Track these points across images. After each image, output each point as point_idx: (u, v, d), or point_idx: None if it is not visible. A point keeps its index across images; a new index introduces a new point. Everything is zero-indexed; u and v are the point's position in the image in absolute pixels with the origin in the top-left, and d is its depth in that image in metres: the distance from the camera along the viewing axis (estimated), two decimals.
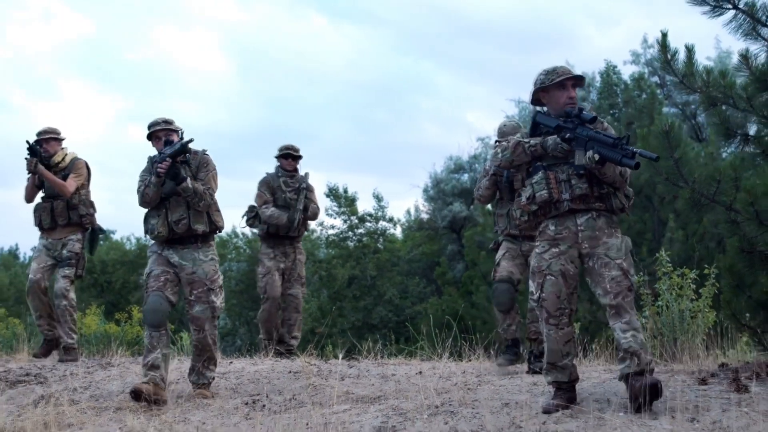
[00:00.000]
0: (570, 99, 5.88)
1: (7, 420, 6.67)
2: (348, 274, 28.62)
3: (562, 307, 5.67)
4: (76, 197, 9.46)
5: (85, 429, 6.42)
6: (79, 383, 7.96)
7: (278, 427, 5.84)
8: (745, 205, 6.34)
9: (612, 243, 5.63)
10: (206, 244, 7.32)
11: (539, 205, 5.78)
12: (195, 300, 7.16)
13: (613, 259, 5.57)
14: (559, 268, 5.68)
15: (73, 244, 9.41)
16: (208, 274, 7.20)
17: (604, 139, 5.50)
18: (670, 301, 8.12)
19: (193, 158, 7.37)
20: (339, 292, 28.54)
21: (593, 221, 5.69)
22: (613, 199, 5.73)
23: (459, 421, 5.59)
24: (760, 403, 5.30)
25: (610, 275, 5.54)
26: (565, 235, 5.73)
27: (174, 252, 7.23)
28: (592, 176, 5.66)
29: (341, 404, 6.46)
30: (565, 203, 5.71)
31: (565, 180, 5.72)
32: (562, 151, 5.73)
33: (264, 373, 7.89)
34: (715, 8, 6.88)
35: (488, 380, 6.87)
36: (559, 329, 5.67)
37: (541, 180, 5.78)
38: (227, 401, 6.96)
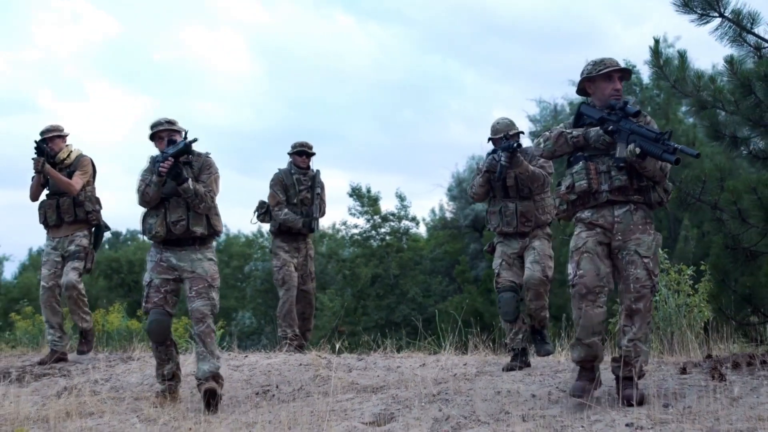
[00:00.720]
0: (615, 91, 5.95)
1: (32, 409, 7.12)
2: (371, 273, 29.01)
3: (602, 285, 5.70)
4: (82, 194, 9.42)
5: (104, 417, 6.86)
6: (101, 375, 8.41)
7: (284, 415, 6.24)
8: (728, 204, 6.68)
9: (644, 240, 5.73)
10: (204, 246, 7.28)
11: (578, 194, 5.88)
12: (196, 295, 7.12)
13: (642, 257, 5.69)
14: (594, 246, 5.76)
15: (80, 239, 9.39)
16: (208, 271, 7.19)
17: (647, 134, 5.58)
18: (667, 296, 8.46)
19: (196, 160, 7.31)
20: (362, 290, 28.95)
21: (630, 214, 5.78)
22: (652, 192, 5.83)
23: (452, 408, 6.00)
24: (733, 390, 5.66)
25: (636, 274, 5.66)
26: (601, 222, 5.81)
27: (172, 254, 7.20)
28: (632, 169, 5.72)
29: (345, 393, 6.87)
30: (604, 194, 5.80)
31: (605, 171, 5.80)
32: (604, 143, 5.81)
33: (276, 365, 8.29)
34: (702, 16, 7.24)
35: (487, 371, 7.24)
36: (596, 306, 5.67)
37: (581, 170, 5.87)
38: (239, 392, 7.39)
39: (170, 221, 7.13)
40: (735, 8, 7.19)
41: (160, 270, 7.18)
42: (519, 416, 5.61)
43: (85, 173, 9.48)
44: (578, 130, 5.93)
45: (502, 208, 7.83)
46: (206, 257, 7.24)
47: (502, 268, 7.84)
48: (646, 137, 5.56)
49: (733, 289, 6.93)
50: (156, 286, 7.16)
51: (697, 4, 7.20)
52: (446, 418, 5.79)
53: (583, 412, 5.43)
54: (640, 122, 5.77)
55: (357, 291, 29.30)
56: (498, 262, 7.91)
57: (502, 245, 7.95)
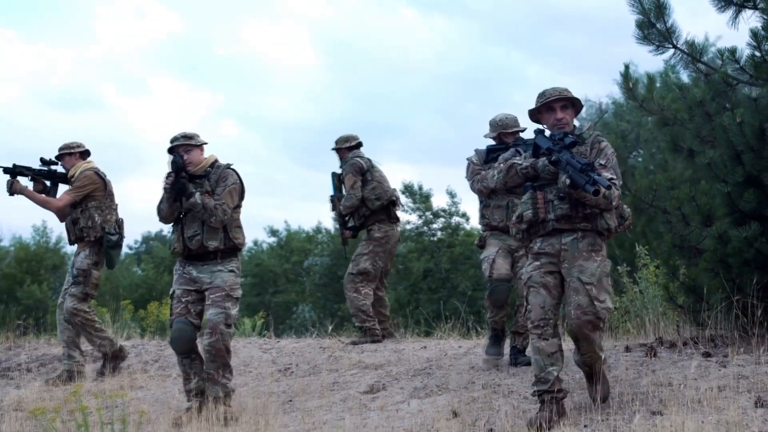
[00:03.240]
0: (557, 120, 6.14)
1: (92, 384, 8.71)
2: (423, 268, 30.42)
3: (546, 317, 5.92)
4: (78, 211, 9.22)
5: (150, 390, 8.44)
6: (151, 357, 9.98)
7: (297, 386, 7.81)
8: (674, 209, 8.00)
9: (587, 266, 5.89)
10: (226, 259, 7.27)
11: (527, 223, 6.09)
12: (211, 304, 7.11)
13: (584, 284, 5.85)
14: (539, 279, 5.98)
15: (81, 261, 9.18)
16: (227, 281, 7.18)
17: (575, 164, 5.72)
18: (646, 288, 9.78)
19: (215, 172, 7.32)
20: (415, 284, 30.38)
21: (576, 242, 5.95)
22: (599, 220, 5.96)
23: (431, 379, 7.45)
24: (657, 363, 7.04)
25: (578, 301, 5.85)
26: (548, 251, 6.00)
27: (193, 268, 7.23)
28: (574, 198, 5.88)
29: (350, 370, 8.32)
30: (550, 223, 5.99)
31: (551, 200, 5.98)
32: (549, 173, 5.96)
33: (299, 348, 9.77)
34: (658, 47, 8.53)
35: (473, 352, 8.63)
36: (542, 339, 5.90)
37: (528, 200, 6.08)
38: (265, 369, 8.88)
39: (186, 236, 7.19)
40: (688, 39, 8.49)
41: (182, 281, 7.27)
42: (480, 384, 7.08)
43: (77, 189, 9.22)
44: (529, 161, 6.10)
45: (509, 204, 7.96)
46: (227, 269, 7.25)
47: (498, 256, 7.95)
48: (574, 168, 5.72)
49: (680, 281, 8.27)
50: (178, 297, 7.25)
51: (654, 37, 8.51)
52: (423, 386, 7.26)
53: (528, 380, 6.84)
54: (578, 152, 5.98)
55: (410, 285, 30.75)
56: (494, 250, 8.00)
57: (496, 238, 8.10)
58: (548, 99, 6.17)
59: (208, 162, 7.41)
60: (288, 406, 7.24)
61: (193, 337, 7.18)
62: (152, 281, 38.39)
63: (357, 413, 6.69)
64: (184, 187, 7.10)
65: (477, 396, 6.77)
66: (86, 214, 9.19)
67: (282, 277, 39.89)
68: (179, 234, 7.26)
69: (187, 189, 7.10)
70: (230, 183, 7.27)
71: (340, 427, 6.23)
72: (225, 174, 7.32)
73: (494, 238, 8.16)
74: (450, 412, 6.33)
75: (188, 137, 7.30)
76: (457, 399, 6.72)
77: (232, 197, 7.25)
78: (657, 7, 8.44)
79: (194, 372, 7.21)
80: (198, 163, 7.33)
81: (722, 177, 7.66)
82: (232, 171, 7.38)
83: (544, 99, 6.20)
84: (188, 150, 7.25)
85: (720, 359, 6.96)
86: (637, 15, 8.53)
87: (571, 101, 6.24)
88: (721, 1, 8.08)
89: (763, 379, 6.19)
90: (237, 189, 7.31)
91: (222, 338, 7.07)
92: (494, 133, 8.23)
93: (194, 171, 7.29)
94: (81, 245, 9.25)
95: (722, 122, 7.63)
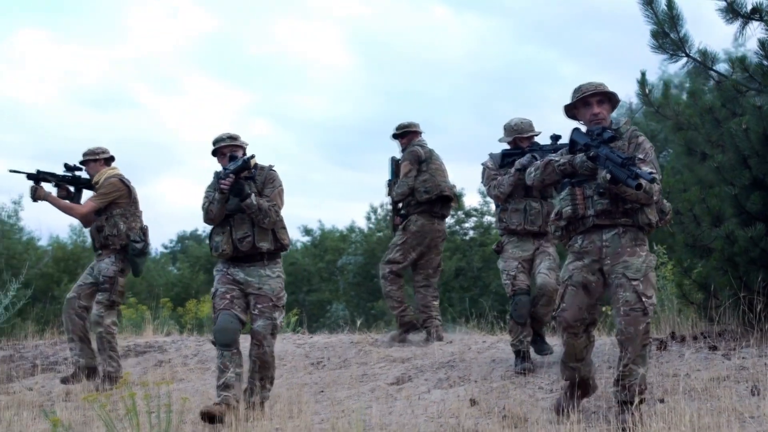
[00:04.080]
0: (593, 116, 6.11)
1: (136, 376, 9.31)
2: (455, 266, 30.85)
3: (582, 318, 6.00)
4: (103, 218, 9.18)
5: (190, 382, 9.03)
6: (190, 352, 10.58)
7: (328, 378, 8.36)
8: (686, 211, 8.49)
9: (632, 262, 5.86)
10: (273, 261, 7.33)
11: (566, 220, 6.10)
12: (258, 314, 7.15)
13: (630, 280, 5.82)
14: (580, 279, 6.00)
15: (106, 268, 9.13)
16: (274, 290, 7.22)
17: (615, 159, 5.69)
18: (663, 286, 10.27)
19: (259, 173, 7.34)
20: (447, 283, 30.80)
21: (618, 238, 5.93)
22: (640, 214, 5.94)
23: (454, 371, 7.99)
24: (666, 356, 7.55)
25: (625, 298, 5.81)
26: (590, 249, 6.00)
27: (240, 270, 7.23)
28: (614, 193, 5.86)
29: (379, 363, 8.87)
30: (590, 219, 5.98)
31: (591, 196, 5.97)
32: (588, 168, 5.95)
33: (331, 343, 10.32)
34: (672, 56, 9.03)
35: (495, 346, 9.15)
36: (577, 338, 6.03)
37: (567, 196, 6.07)
38: (299, 363, 9.45)
39: (236, 238, 7.19)
40: (700, 48, 8.99)
41: (225, 281, 7.26)
42: (499, 376, 7.61)
43: (102, 195, 9.19)
44: (566, 157, 6.12)
45: (527, 207, 8.09)
46: (275, 274, 7.30)
47: (519, 271, 8.02)
48: (614, 162, 5.69)
49: (693, 278, 8.77)
50: (221, 294, 7.22)
51: (668, 46, 9.00)
52: (447, 378, 7.80)
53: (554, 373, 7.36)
54: (617, 147, 5.95)
55: (442, 283, 31.20)
56: (514, 265, 8.06)
57: (514, 246, 8.16)
58: (584, 94, 6.14)
59: (252, 163, 7.35)
60: (320, 396, 7.79)
61: (237, 329, 7.13)
62: (188, 280, 38.94)
63: (383, 402, 7.24)
64: (242, 187, 7.10)
65: (495, 386, 7.31)
66: (111, 221, 9.15)
67: (316, 276, 40.36)
68: (228, 236, 7.22)
69: (245, 190, 7.10)
70: (278, 184, 7.33)
71: (367, 414, 6.77)
72: (272, 175, 7.36)
73: (512, 246, 8.18)
74: (469, 400, 6.86)
75: (233, 138, 7.38)
76: (476, 389, 7.26)
77: (281, 198, 7.31)
78: (670, 18, 8.91)
79: (233, 364, 7.05)
80: None
81: (730, 180, 8.15)
82: (277, 173, 7.43)
83: (580, 94, 6.17)
84: (233, 150, 7.30)
85: (725, 352, 7.45)
86: (652, 25, 9.01)
87: (608, 96, 6.20)
88: (729, 14, 8.55)
89: (761, 370, 6.69)
90: (283, 191, 7.39)
91: (269, 350, 7.18)
92: (509, 137, 8.32)
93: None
94: (106, 252, 9.21)
95: (730, 128, 8.12)
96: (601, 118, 6.12)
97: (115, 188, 9.24)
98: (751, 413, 5.78)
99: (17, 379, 9.95)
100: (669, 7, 8.89)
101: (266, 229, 7.22)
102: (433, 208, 10.02)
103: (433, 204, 10.00)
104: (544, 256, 8.13)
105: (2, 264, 23.79)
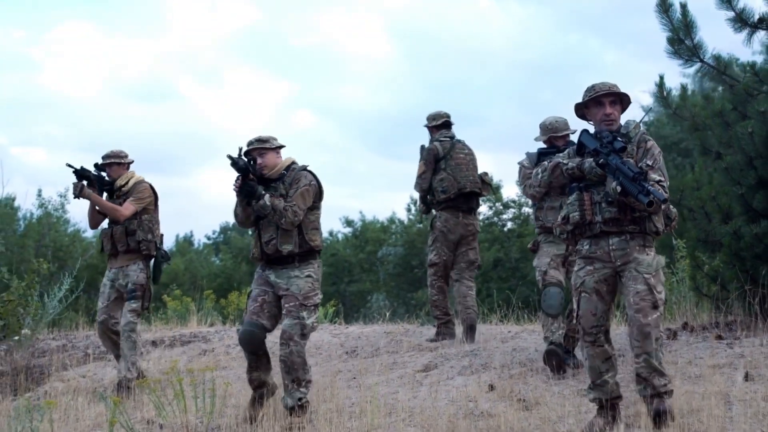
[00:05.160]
0: (605, 116, 6.08)
1: (182, 364, 10.05)
2: (493, 257, 31.45)
3: (598, 324, 5.95)
4: (135, 222, 9.13)
5: (233, 370, 9.75)
6: (233, 341, 11.31)
7: (360, 366, 9.05)
8: (698, 208, 9.10)
9: (643, 258, 5.89)
10: (305, 263, 7.20)
11: (573, 225, 6.09)
12: (286, 313, 7.08)
13: (642, 273, 5.85)
14: (593, 285, 5.99)
15: (137, 275, 9.08)
16: (302, 289, 7.09)
17: (627, 172, 5.68)
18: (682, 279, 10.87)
19: (289, 175, 7.28)
20: (485, 273, 31.39)
21: (626, 242, 5.93)
22: (648, 222, 5.92)
23: (478, 359, 8.66)
24: (674, 344, 8.18)
25: (636, 289, 5.83)
26: (599, 254, 5.99)
27: (272, 272, 7.21)
28: (623, 201, 5.82)
29: (408, 352, 9.54)
30: (597, 225, 5.95)
31: (598, 202, 5.93)
32: (596, 175, 5.92)
33: (365, 333, 11.02)
34: (687, 61, 9.64)
35: (519, 336, 9.80)
36: (596, 346, 5.95)
37: (575, 201, 6.06)
38: (334, 352, 10.14)
39: (263, 241, 7.18)
40: (714, 53, 9.60)
41: (260, 282, 7.29)
42: (518, 363, 8.28)
43: (139, 200, 9.20)
44: (575, 161, 6.09)
45: (563, 204, 7.31)
46: (304, 274, 7.16)
47: (550, 267, 8.11)
48: (626, 175, 5.68)
49: (705, 272, 9.39)
50: (254, 296, 7.26)
51: (683, 52, 9.60)
52: (470, 365, 8.46)
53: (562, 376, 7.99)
54: (631, 155, 5.97)
55: (480, 274, 31.82)
56: (546, 261, 8.15)
57: (549, 245, 8.22)
58: (597, 93, 6.10)
59: (284, 165, 7.36)
60: (352, 383, 8.46)
61: (260, 338, 7.16)
62: (230, 271, 39.73)
63: (409, 388, 7.90)
64: (253, 189, 7.07)
65: (514, 373, 7.96)
66: (144, 227, 9.17)
67: (357, 267, 41.06)
68: (257, 239, 7.28)
69: (256, 192, 7.06)
70: (302, 185, 7.18)
71: (394, 398, 7.46)
72: (298, 176, 7.25)
73: (547, 245, 8.26)
74: (488, 386, 7.52)
75: (262, 140, 7.29)
76: (496, 375, 7.92)
77: (304, 198, 7.14)
78: (685, 26, 9.53)
79: (259, 366, 7.26)
80: (273, 167, 7.30)
81: (738, 179, 8.76)
82: (307, 173, 7.32)
83: (593, 93, 6.12)
84: (262, 153, 7.25)
85: (731, 341, 8.08)
86: (668, 32, 9.63)
87: (620, 97, 6.16)
88: (737, 23, 9.15)
89: (758, 358, 7.31)
90: (311, 190, 7.21)
91: (296, 350, 7.02)
92: (545, 136, 8.40)
93: (270, 174, 7.28)
94: (130, 257, 9.16)
95: (737, 131, 8.72)
96: (613, 119, 6.11)
97: (149, 194, 9.30)
98: (740, 397, 6.40)
99: (71, 367, 10.68)
100: (683, 15, 9.50)
101: (289, 231, 7.14)
102: (457, 203, 9.97)
103: (455, 200, 9.96)
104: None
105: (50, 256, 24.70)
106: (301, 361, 7.03)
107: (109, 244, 9.21)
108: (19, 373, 10.21)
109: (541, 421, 6.35)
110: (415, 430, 6.52)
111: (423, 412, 6.87)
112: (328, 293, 38.18)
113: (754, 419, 5.91)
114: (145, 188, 9.27)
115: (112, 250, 9.21)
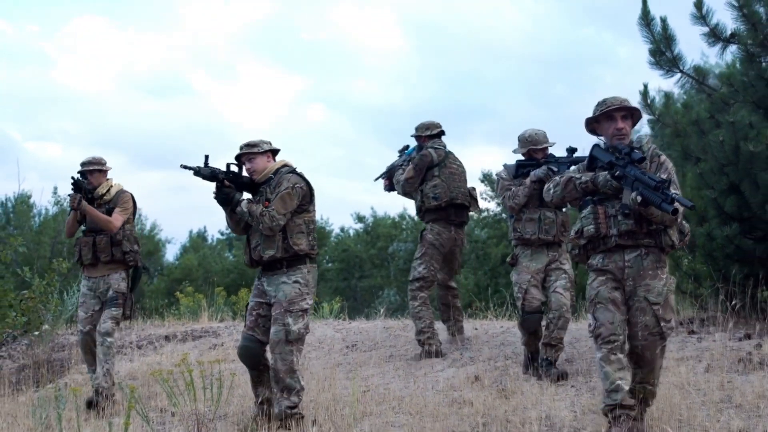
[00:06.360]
0: (617, 131, 6.02)
1: (193, 357, 10.74)
2: (501, 253, 32.01)
3: (617, 333, 5.81)
4: (121, 233, 9.10)
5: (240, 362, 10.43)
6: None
7: (360, 358, 9.77)
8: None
9: (653, 285, 5.84)
10: (292, 269, 7.12)
11: (587, 239, 6.01)
12: (273, 321, 7.05)
13: (651, 304, 5.82)
14: (607, 295, 5.89)
15: (118, 284, 9.05)
16: (288, 295, 7.02)
17: (648, 182, 5.61)
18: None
19: (275, 178, 7.22)
20: (493, 269, 31.99)
21: (641, 259, 5.87)
22: (663, 236, 5.88)
23: (467, 352, 9.37)
24: None
25: (644, 322, 5.82)
26: (611, 267, 5.93)
27: (266, 279, 7.20)
28: (639, 214, 5.77)
29: (405, 346, 10.25)
30: (613, 239, 5.89)
31: (614, 215, 5.88)
32: (611, 188, 5.88)
33: (366, 329, 11.72)
34: (668, 71, 10.32)
35: (509, 332, 10.49)
36: (612, 353, 5.78)
37: (590, 214, 5.98)
38: (335, 345, 10.86)
39: (252, 247, 7.21)
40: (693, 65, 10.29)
41: (256, 293, 7.30)
42: (503, 356, 8.99)
43: (125, 210, 9.18)
44: (587, 175, 6.05)
45: (541, 216, 8.34)
46: (291, 280, 7.10)
47: (530, 285, 8.30)
48: (647, 185, 5.61)
49: (684, 270, 10.09)
50: (250, 309, 7.29)
51: (664, 63, 10.28)
52: (460, 358, 9.18)
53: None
54: (645, 168, 5.88)
55: (489, 269, 32.42)
56: (526, 278, 8.33)
57: (528, 259, 8.42)
58: (609, 108, 6.04)
59: (273, 168, 7.32)
60: (351, 374, 9.15)
61: (256, 353, 7.25)
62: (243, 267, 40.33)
63: (403, 379, 8.62)
64: (227, 196, 7.12)
65: (499, 365, 8.67)
66: (130, 237, 9.19)
67: (368, 262, 41.73)
68: (246, 245, 7.29)
69: (232, 198, 7.11)
70: (283, 188, 7.08)
71: (387, 388, 8.18)
72: (281, 179, 7.18)
73: (526, 259, 8.43)
74: (474, 377, 8.22)
75: (251, 145, 7.24)
76: (482, 367, 8.61)
77: (284, 202, 7.04)
78: (665, 38, 10.21)
79: (261, 380, 7.33)
80: (262, 171, 7.27)
81: (711, 184, 9.45)
82: (292, 175, 7.22)
83: (605, 107, 6.07)
84: (251, 158, 7.22)
85: (702, 336, 8.76)
86: (649, 44, 10.31)
87: (631, 112, 6.12)
88: (711, 38, 9.84)
89: (721, 351, 7.98)
90: (293, 194, 7.08)
91: (282, 357, 6.98)
92: (524, 148, 8.48)
93: (259, 179, 7.28)
94: (113, 267, 9.13)
95: (710, 140, 9.40)
96: (624, 133, 6.04)
97: (132, 203, 9.32)
98: (698, 387, 7.09)
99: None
100: (663, 29, 10.18)
101: (271, 236, 7.10)
102: (448, 215, 9.72)
103: (446, 211, 9.72)
104: (560, 273, 8.38)
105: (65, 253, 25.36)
106: (286, 369, 6.98)
107: (89, 253, 9.10)
108: (41, 367, 10.94)
109: (515, 407, 7.03)
110: (403, 416, 7.19)
111: (411, 400, 7.55)
112: (340, 288, 38.90)
113: (707, 406, 6.58)
114: (128, 198, 9.27)
115: (93, 260, 9.12)
